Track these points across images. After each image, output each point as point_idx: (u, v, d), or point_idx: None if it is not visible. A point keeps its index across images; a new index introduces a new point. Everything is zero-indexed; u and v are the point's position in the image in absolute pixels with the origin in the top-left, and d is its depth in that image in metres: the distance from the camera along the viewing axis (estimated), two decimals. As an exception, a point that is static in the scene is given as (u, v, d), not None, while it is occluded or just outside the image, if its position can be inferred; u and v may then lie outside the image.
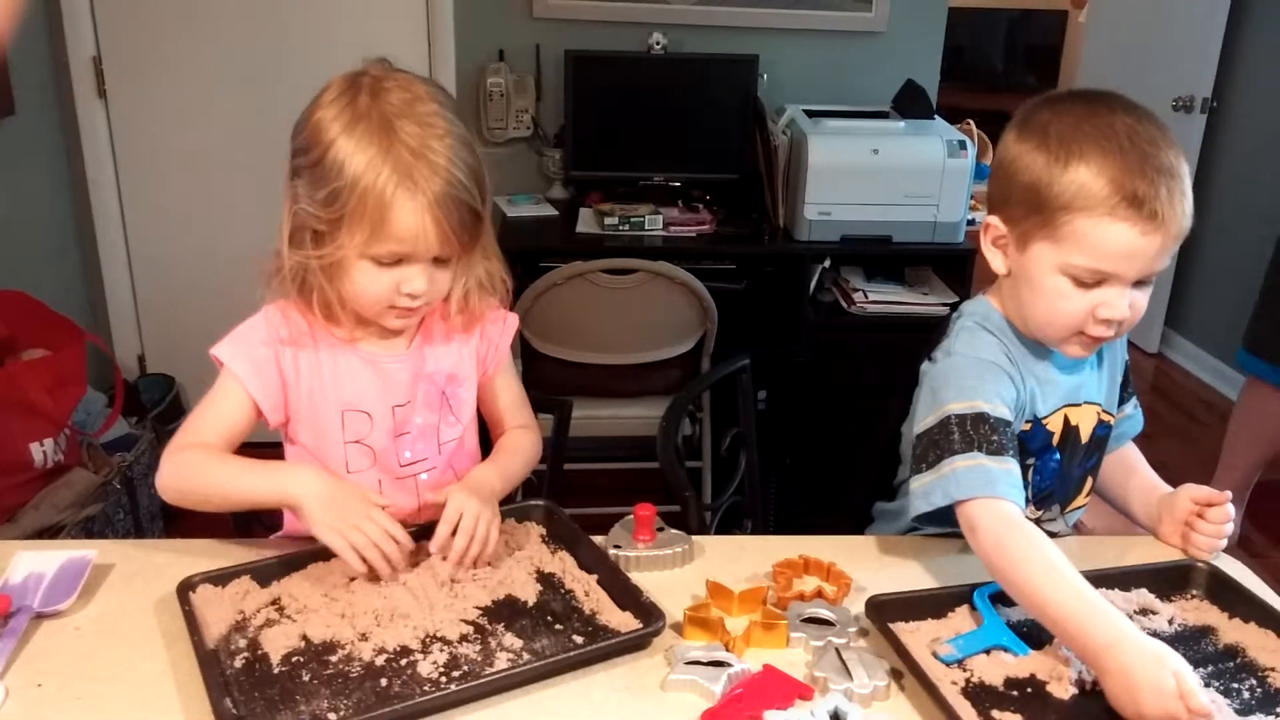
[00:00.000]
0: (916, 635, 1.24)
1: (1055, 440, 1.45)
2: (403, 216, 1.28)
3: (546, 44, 3.53)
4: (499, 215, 3.36)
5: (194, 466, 1.36)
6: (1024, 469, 1.42)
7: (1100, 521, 1.72)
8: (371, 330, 1.43)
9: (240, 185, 3.38)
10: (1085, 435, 1.48)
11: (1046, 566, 1.20)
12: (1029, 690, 1.17)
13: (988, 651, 1.22)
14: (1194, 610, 1.34)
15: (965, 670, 1.19)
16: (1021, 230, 1.35)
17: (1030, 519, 1.43)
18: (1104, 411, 1.50)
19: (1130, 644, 1.12)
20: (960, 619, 1.27)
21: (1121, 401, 1.57)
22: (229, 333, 1.41)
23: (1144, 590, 1.35)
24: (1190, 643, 1.27)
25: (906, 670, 1.17)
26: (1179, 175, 1.28)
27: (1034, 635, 1.24)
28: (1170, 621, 1.31)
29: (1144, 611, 1.33)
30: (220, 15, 3.33)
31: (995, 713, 1.13)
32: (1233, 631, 1.30)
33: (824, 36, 3.65)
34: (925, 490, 1.34)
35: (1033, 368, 1.42)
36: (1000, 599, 1.28)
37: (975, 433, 1.31)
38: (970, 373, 1.37)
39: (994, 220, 1.39)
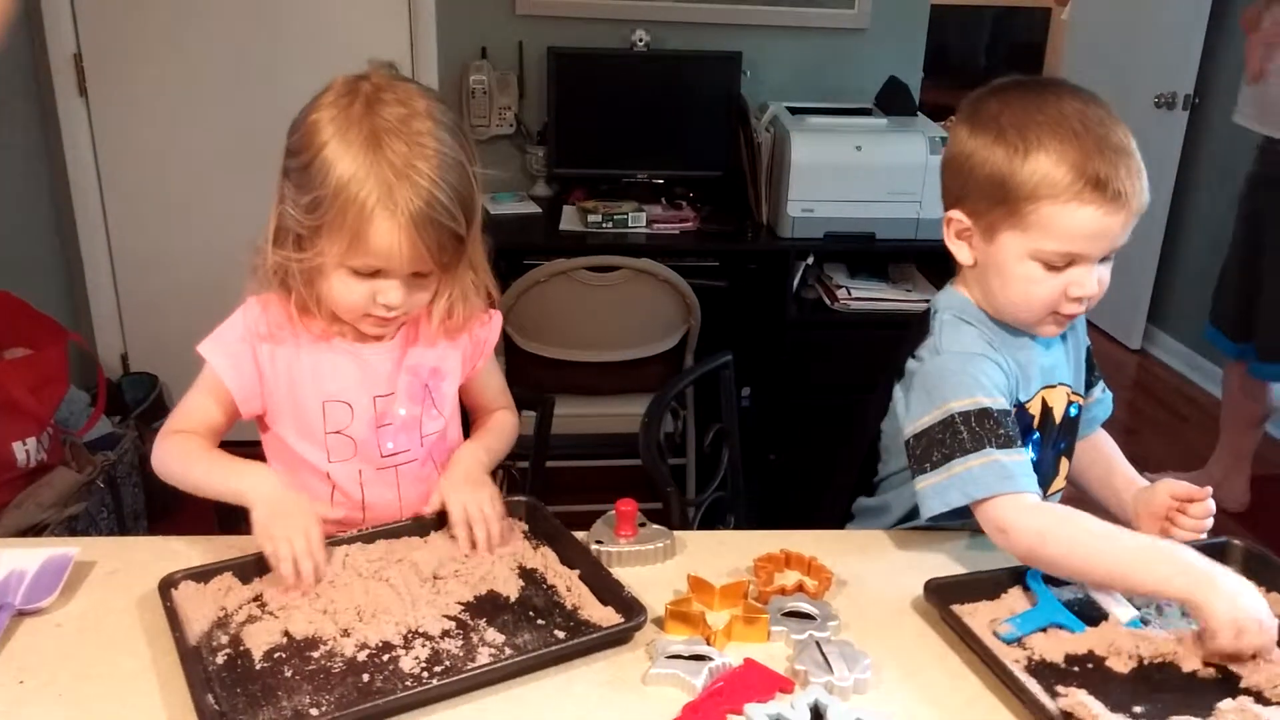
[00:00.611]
0: (974, 617, 1.26)
1: (1035, 423, 1.46)
2: (379, 234, 1.29)
3: (529, 41, 3.53)
4: (483, 214, 3.35)
5: (178, 454, 1.40)
6: None
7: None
8: (347, 330, 1.44)
9: (223, 183, 3.38)
10: (1059, 416, 1.49)
11: (1097, 537, 1.24)
12: (1089, 665, 1.20)
13: (1044, 630, 1.24)
14: None
15: (1025, 649, 1.22)
16: (987, 222, 1.37)
17: None
18: (1073, 393, 1.52)
19: (1222, 574, 1.18)
20: (1014, 599, 1.29)
21: (1090, 385, 1.58)
22: (214, 329, 1.44)
23: None
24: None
25: (972, 652, 1.20)
26: (1132, 152, 1.31)
27: (1086, 613, 1.26)
28: None
29: None
30: (201, 12, 3.32)
31: (1060, 687, 1.15)
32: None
33: (806, 33, 3.65)
34: (938, 489, 1.34)
35: (1013, 351, 1.43)
36: (1051, 578, 1.30)
37: (982, 428, 1.33)
38: (963, 368, 1.38)
39: (956, 214, 1.41)
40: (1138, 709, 1.12)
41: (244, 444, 1.45)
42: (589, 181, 3.54)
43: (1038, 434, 1.47)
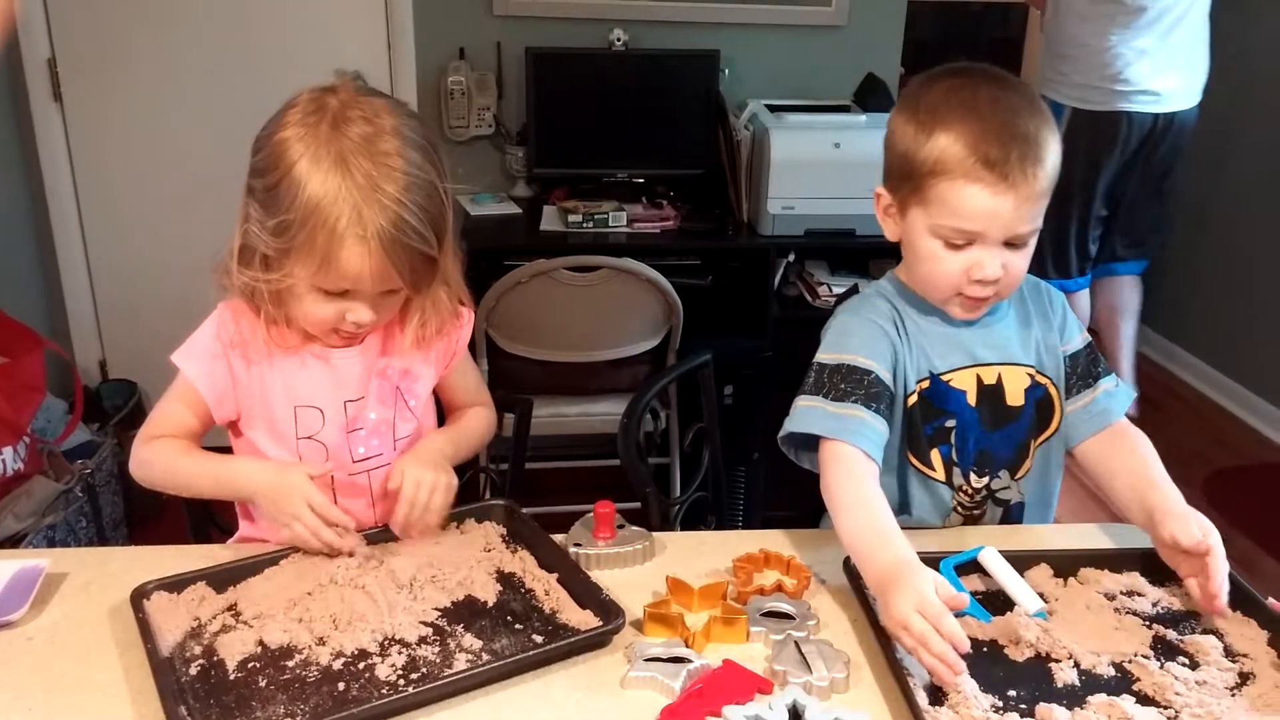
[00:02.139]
0: None
1: (972, 400, 1.47)
2: (348, 257, 1.27)
3: (507, 41, 3.51)
4: (462, 214, 3.35)
5: (162, 457, 1.41)
6: (944, 430, 1.47)
7: (1074, 517, 1.71)
8: (316, 342, 1.43)
9: (199, 188, 3.34)
10: (1015, 397, 1.48)
11: (852, 510, 1.30)
12: (984, 650, 1.22)
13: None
14: (1184, 596, 1.33)
15: None
16: (900, 197, 1.43)
17: (978, 487, 1.48)
18: (1039, 374, 1.50)
19: (899, 586, 1.17)
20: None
21: (1096, 378, 1.53)
22: (188, 337, 1.43)
23: (1135, 574, 1.36)
24: (1169, 623, 1.28)
25: (868, 623, 1.22)
26: (1036, 142, 1.34)
27: (995, 604, 1.28)
28: (1155, 604, 1.32)
29: (1130, 593, 1.33)
30: (177, 15, 3.30)
31: None
32: (1217, 618, 1.29)
33: (784, 31, 3.65)
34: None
35: (924, 326, 1.47)
36: (965, 569, 1.32)
37: (829, 380, 1.41)
38: (845, 329, 1.46)
39: (883, 190, 1.46)
40: (1012, 693, 1.14)
41: (217, 449, 1.45)
42: (569, 181, 3.53)
43: (975, 411, 1.47)
